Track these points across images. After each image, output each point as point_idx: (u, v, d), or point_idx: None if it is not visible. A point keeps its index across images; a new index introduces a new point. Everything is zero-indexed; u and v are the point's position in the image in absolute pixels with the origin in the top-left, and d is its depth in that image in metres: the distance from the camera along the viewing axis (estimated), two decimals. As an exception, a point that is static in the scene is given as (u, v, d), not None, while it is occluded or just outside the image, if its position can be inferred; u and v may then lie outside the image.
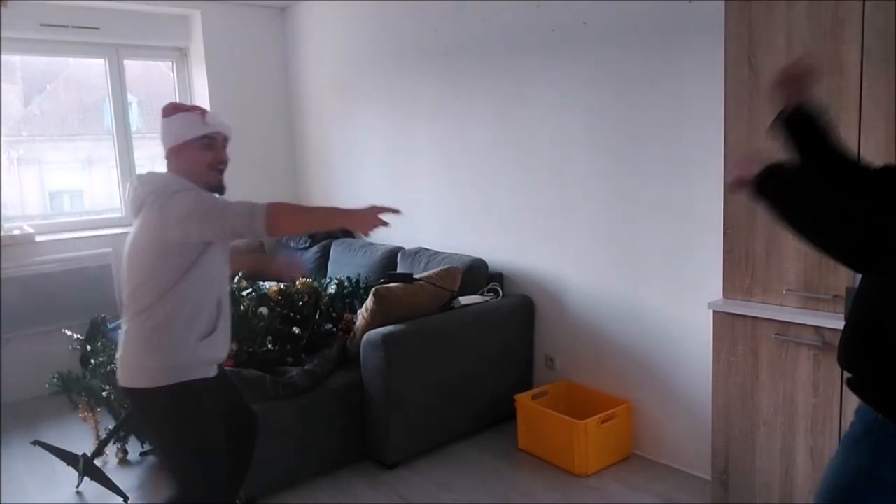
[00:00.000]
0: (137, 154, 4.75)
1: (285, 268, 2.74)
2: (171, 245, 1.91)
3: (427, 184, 4.08)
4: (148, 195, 1.95)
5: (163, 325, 1.94)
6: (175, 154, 2.04)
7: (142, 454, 3.27)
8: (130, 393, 2.00)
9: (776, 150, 1.61)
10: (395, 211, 2.00)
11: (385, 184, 4.40)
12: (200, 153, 2.04)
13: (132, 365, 1.98)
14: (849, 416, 2.11)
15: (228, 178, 2.12)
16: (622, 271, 3.08)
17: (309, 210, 2.11)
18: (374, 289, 3.13)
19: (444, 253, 3.74)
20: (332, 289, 3.52)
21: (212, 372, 2.05)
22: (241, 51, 4.87)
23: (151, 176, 2.04)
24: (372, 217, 1.95)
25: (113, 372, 3.07)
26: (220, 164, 2.07)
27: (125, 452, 3.26)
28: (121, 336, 2.02)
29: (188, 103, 2.14)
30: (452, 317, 3.24)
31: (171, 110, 2.06)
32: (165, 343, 1.95)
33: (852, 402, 2.10)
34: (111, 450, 3.22)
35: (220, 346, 2.08)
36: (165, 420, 1.98)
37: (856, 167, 1.55)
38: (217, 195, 2.06)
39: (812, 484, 2.21)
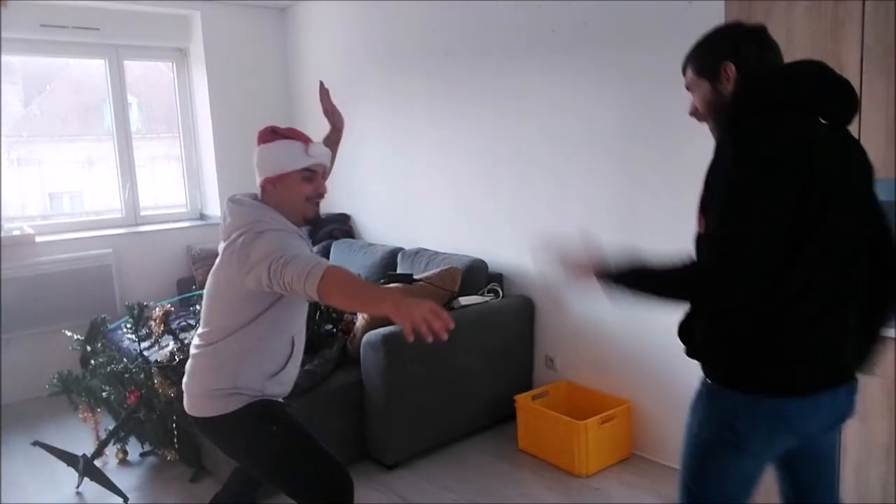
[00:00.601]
0: (137, 154, 4.75)
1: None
2: (248, 290, 1.81)
3: (427, 184, 4.08)
4: (238, 228, 1.84)
5: (233, 359, 1.89)
6: (273, 183, 1.92)
7: (142, 455, 3.27)
8: (200, 422, 1.95)
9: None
10: (450, 327, 1.68)
11: (385, 184, 4.40)
12: (300, 185, 1.93)
13: (200, 394, 1.93)
14: (849, 416, 2.11)
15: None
16: (622, 271, 3.07)
17: (362, 286, 1.80)
18: (374, 289, 3.13)
19: (444, 253, 3.74)
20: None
21: (279, 394, 2.01)
22: (241, 51, 4.87)
23: (244, 207, 1.91)
24: (420, 319, 1.62)
25: (112, 372, 3.09)
26: (318, 197, 1.98)
27: (125, 453, 3.26)
28: (189, 363, 1.98)
29: (287, 128, 2.00)
30: (452, 317, 3.23)
31: (270, 136, 1.95)
32: (233, 375, 1.89)
33: (852, 402, 2.10)
34: (111, 450, 3.23)
35: (288, 383, 2.02)
36: (248, 437, 1.92)
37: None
38: (309, 226, 2.02)
39: (812, 484, 2.21)
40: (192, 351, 1.97)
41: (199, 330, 1.97)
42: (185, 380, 1.99)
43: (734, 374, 1.45)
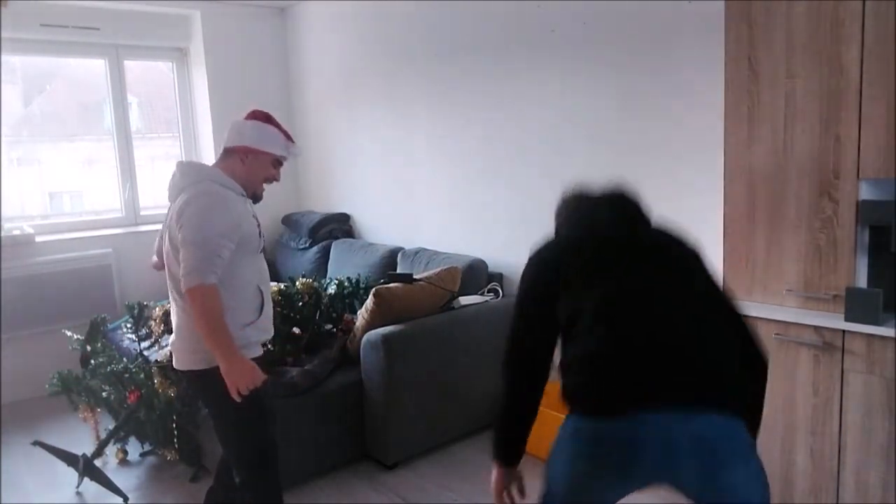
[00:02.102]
0: (137, 154, 4.74)
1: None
2: None
3: (427, 183, 4.08)
4: (186, 185, 2.06)
5: None
6: (245, 154, 2.15)
7: (142, 454, 3.27)
8: (187, 375, 2.13)
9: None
10: (264, 382, 2.02)
11: (385, 183, 4.40)
12: (267, 168, 2.20)
13: (187, 350, 2.08)
14: (849, 416, 2.11)
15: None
16: (622, 271, 3.07)
17: (219, 323, 1.93)
18: (374, 289, 3.13)
19: (444, 253, 3.74)
20: (332, 289, 3.51)
21: (259, 352, 2.15)
22: (241, 51, 4.87)
23: (193, 165, 2.16)
24: (241, 379, 1.94)
25: (112, 372, 3.09)
26: (272, 181, 2.25)
27: (125, 453, 3.26)
28: (174, 323, 2.14)
29: (277, 121, 2.27)
30: (452, 317, 3.24)
31: (265, 119, 2.20)
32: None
33: (852, 401, 2.10)
34: (111, 450, 3.22)
35: (266, 328, 2.20)
36: (221, 397, 2.02)
37: None
38: (253, 202, 2.22)
39: (812, 484, 2.21)
40: (174, 308, 2.13)
41: (173, 292, 2.11)
42: (171, 338, 2.17)
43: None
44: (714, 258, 2.50)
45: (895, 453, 2.05)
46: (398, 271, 3.71)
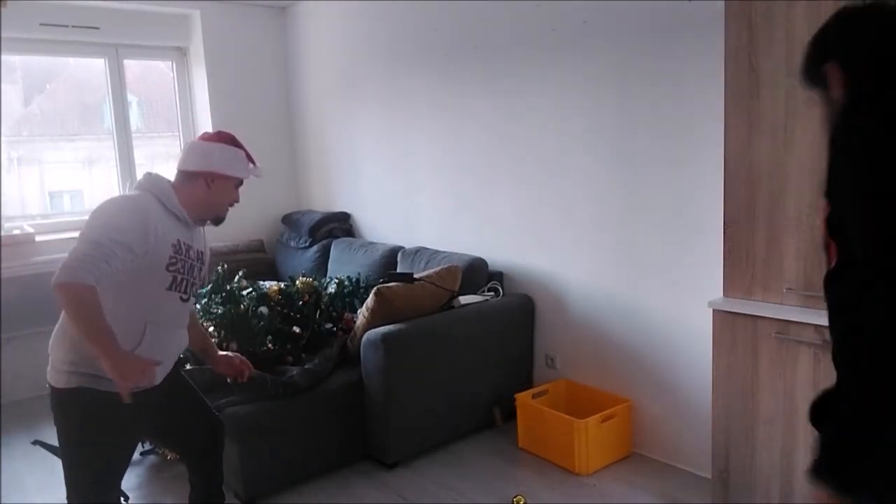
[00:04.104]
0: (137, 154, 4.74)
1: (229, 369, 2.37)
2: None
3: (427, 183, 4.08)
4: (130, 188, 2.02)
5: (70, 331, 1.88)
6: (212, 179, 2.03)
7: (142, 454, 3.27)
8: (49, 391, 1.97)
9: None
10: (157, 363, 1.85)
11: (385, 183, 4.39)
12: (231, 191, 2.10)
13: (50, 363, 1.95)
14: (849, 415, 2.11)
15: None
16: (622, 270, 3.08)
17: (89, 315, 1.75)
18: (374, 288, 3.13)
19: (444, 252, 3.74)
20: (332, 288, 3.52)
21: (115, 388, 1.86)
22: (241, 51, 4.86)
23: (150, 178, 2.01)
24: (128, 374, 1.72)
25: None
26: (234, 204, 2.14)
27: (125, 452, 3.26)
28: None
29: (240, 142, 2.18)
30: (452, 316, 3.24)
31: (233, 141, 2.11)
32: (73, 344, 1.88)
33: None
34: (111, 449, 3.22)
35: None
36: (62, 420, 1.94)
37: None
38: (209, 225, 2.13)
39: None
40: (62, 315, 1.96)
41: None
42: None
43: None
44: (714, 257, 2.51)
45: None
46: (398, 270, 3.72)
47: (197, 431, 2.26)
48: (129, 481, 3.05)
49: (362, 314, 3.16)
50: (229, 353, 2.40)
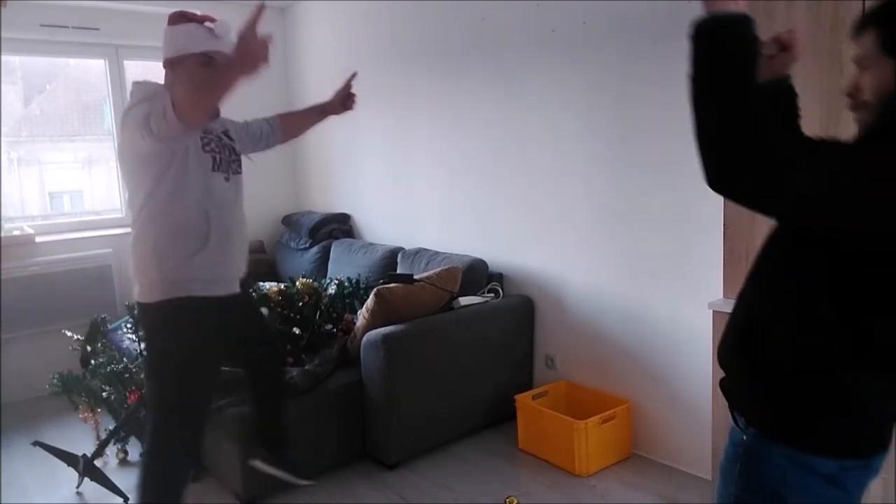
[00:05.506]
0: (137, 154, 4.74)
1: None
2: (137, 155, 1.86)
3: (427, 183, 4.08)
4: (130, 104, 1.92)
5: (147, 239, 1.89)
6: (171, 66, 1.96)
7: (142, 455, 3.27)
8: (137, 308, 1.98)
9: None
10: (269, 38, 1.78)
11: (385, 183, 4.40)
12: (197, 71, 1.94)
13: (133, 277, 1.94)
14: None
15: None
16: (622, 271, 3.08)
17: (206, 78, 1.85)
18: (374, 289, 3.13)
19: (444, 253, 3.74)
20: (332, 289, 3.52)
21: (215, 290, 1.93)
22: (241, 51, 4.86)
23: (141, 85, 1.97)
24: (251, 43, 1.71)
25: (113, 372, 3.09)
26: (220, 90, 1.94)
27: (125, 453, 3.26)
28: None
29: (199, 13, 1.99)
30: (452, 317, 3.24)
31: (178, 19, 1.96)
32: (151, 257, 1.87)
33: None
34: (111, 450, 3.22)
35: (219, 262, 1.95)
36: (152, 336, 1.92)
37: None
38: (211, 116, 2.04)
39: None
40: (131, 237, 1.98)
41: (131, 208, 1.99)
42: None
43: (782, 421, 1.17)
44: (714, 258, 2.51)
45: (895, 453, 2.05)
46: (398, 271, 3.72)
47: (262, 354, 2.32)
48: (130, 481, 3.04)
49: (362, 315, 3.16)
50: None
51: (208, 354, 1.97)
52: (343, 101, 2.49)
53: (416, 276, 3.26)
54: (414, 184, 4.17)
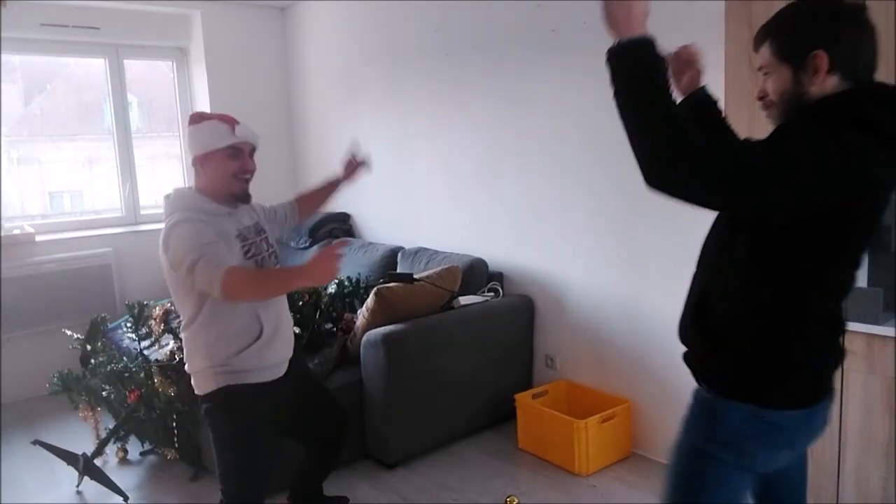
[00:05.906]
0: (137, 154, 4.75)
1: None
2: (182, 282, 1.97)
3: (427, 183, 4.08)
4: (165, 219, 2.02)
5: (199, 340, 2.03)
6: (201, 163, 2.06)
7: (142, 454, 3.27)
8: (199, 401, 2.11)
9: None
10: (344, 243, 1.92)
11: (385, 183, 4.39)
12: (226, 164, 2.05)
13: (192, 373, 2.09)
14: (849, 415, 2.11)
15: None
16: (622, 270, 3.08)
17: (265, 276, 1.99)
18: (375, 289, 3.13)
19: (444, 252, 3.74)
20: (332, 288, 3.52)
21: (263, 377, 2.07)
22: (241, 51, 4.87)
23: (169, 199, 2.07)
24: (326, 262, 1.81)
25: (113, 371, 3.09)
26: (244, 174, 2.08)
27: (125, 452, 3.26)
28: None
29: (215, 112, 2.17)
30: (452, 316, 3.24)
31: (198, 119, 2.09)
32: (205, 357, 2.02)
33: (852, 401, 2.10)
34: (111, 449, 3.23)
35: (267, 355, 2.07)
36: (215, 422, 2.06)
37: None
38: (241, 204, 2.11)
39: (812, 484, 2.21)
40: (183, 334, 2.11)
41: (178, 306, 2.11)
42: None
43: (737, 384, 1.36)
44: (714, 258, 2.51)
45: (895, 453, 2.06)
46: (398, 271, 3.72)
47: (325, 423, 2.41)
48: (130, 480, 3.05)
49: (362, 314, 3.16)
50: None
51: (263, 433, 2.11)
52: (352, 172, 2.74)
53: (416, 276, 3.26)
54: (414, 183, 4.17)
